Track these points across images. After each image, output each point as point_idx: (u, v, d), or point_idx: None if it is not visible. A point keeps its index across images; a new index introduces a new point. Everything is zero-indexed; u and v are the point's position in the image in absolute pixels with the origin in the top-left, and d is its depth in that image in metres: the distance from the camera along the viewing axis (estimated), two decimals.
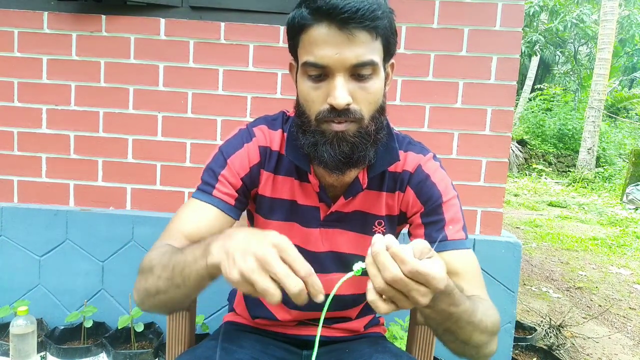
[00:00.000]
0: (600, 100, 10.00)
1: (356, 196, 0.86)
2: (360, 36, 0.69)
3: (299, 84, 0.77)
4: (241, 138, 0.87)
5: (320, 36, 0.70)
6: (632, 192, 7.28)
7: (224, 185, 0.83)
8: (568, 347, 2.22)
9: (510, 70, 1.74)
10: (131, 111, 1.82)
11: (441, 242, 0.81)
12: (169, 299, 0.70)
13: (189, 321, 0.99)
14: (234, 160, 0.84)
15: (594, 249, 4.49)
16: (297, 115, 0.79)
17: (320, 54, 0.70)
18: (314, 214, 0.87)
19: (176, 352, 0.98)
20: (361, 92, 0.72)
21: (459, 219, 0.84)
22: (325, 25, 0.69)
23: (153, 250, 0.75)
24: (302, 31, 0.72)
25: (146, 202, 1.84)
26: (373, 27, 0.69)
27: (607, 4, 9.74)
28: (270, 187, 0.87)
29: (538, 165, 11.42)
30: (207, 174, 0.84)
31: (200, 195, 0.83)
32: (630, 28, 16.12)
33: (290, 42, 0.78)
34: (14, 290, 1.83)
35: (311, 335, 0.96)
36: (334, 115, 0.72)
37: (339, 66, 0.70)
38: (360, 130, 0.74)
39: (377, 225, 0.88)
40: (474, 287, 0.79)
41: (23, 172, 1.85)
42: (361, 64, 0.70)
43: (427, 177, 0.85)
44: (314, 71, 0.72)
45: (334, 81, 0.71)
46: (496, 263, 1.75)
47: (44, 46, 1.80)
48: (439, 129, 1.77)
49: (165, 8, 1.77)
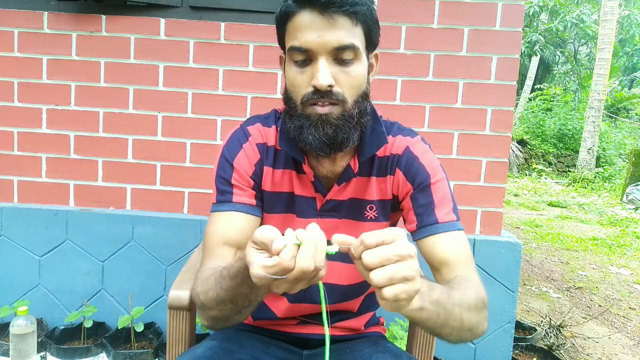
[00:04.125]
0: (600, 100, 10.00)
1: (349, 183, 0.88)
2: (341, 20, 0.73)
3: (286, 71, 0.80)
4: (238, 140, 0.89)
5: (304, 22, 0.74)
6: (632, 192, 7.27)
7: (239, 188, 0.86)
8: (568, 347, 2.22)
9: (510, 70, 1.74)
10: (131, 111, 1.82)
11: (432, 225, 0.83)
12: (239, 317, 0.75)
13: (189, 321, 0.99)
14: (239, 161, 0.87)
15: (594, 249, 4.48)
16: (285, 102, 0.83)
17: (304, 38, 0.74)
18: (311, 205, 0.89)
19: (176, 352, 0.98)
20: (343, 75, 0.76)
21: (448, 200, 0.86)
22: (308, 12, 0.74)
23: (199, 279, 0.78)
24: (287, 19, 0.77)
25: (146, 202, 1.84)
26: (352, 12, 0.74)
27: (607, 4, 9.74)
28: (270, 182, 0.89)
29: (538, 165, 11.42)
30: (220, 183, 0.87)
31: (221, 206, 0.85)
32: (630, 28, 16.13)
33: (279, 33, 0.82)
34: (14, 290, 1.83)
35: (312, 334, 0.96)
36: (317, 97, 0.75)
37: (321, 49, 0.74)
38: (343, 114, 0.77)
39: (368, 210, 0.90)
40: (464, 268, 0.81)
41: (23, 172, 1.85)
42: (342, 47, 0.74)
43: (415, 158, 0.87)
44: (299, 56, 0.76)
45: (316, 64, 0.75)
46: (496, 263, 1.75)
47: (44, 46, 1.80)
48: (439, 129, 1.77)
49: (165, 8, 1.77)
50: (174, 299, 0.97)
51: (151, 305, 1.83)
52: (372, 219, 0.90)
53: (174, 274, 1.77)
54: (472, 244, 1.76)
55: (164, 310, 1.12)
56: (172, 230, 1.78)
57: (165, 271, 1.82)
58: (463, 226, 0.86)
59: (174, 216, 1.81)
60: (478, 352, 1.79)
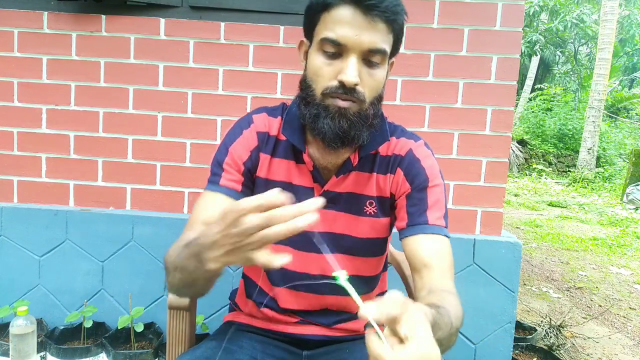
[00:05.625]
0: (601, 100, 10.00)
1: (348, 176, 0.89)
2: (380, 25, 0.75)
3: (312, 59, 0.80)
4: (240, 126, 0.92)
5: (344, 16, 0.74)
6: (633, 192, 7.27)
7: (229, 173, 0.87)
8: (568, 347, 2.22)
9: (510, 70, 1.74)
10: (131, 111, 1.82)
11: (421, 225, 0.84)
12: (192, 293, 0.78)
13: (189, 321, 0.99)
14: (235, 147, 0.89)
15: (594, 249, 4.48)
16: (302, 89, 0.83)
17: (341, 32, 0.74)
18: (308, 195, 0.89)
19: (176, 352, 0.98)
20: (368, 77, 0.78)
21: (441, 207, 0.87)
22: (351, 8, 0.74)
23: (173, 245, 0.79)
24: (325, 9, 0.77)
25: (146, 202, 1.84)
26: (392, 20, 0.76)
27: (607, 4, 9.74)
28: (266, 169, 0.90)
29: (538, 165, 11.41)
30: (213, 165, 0.90)
31: (210, 186, 0.88)
32: (631, 28, 16.13)
33: (308, 20, 0.82)
34: (14, 290, 1.83)
35: (312, 335, 0.96)
36: (341, 92, 0.77)
37: (356, 47, 0.75)
38: (360, 112, 0.79)
39: (368, 205, 0.91)
40: (445, 275, 0.80)
41: (23, 172, 1.85)
42: (375, 50, 0.76)
43: (417, 160, 0.89)
44: (331, 48, 0.76)
45: (347, 60, 0.76)
46: (496, 263, 1.75)
47: (43, 46, 1.80)
48: (439, 129, 1.77)
49: (165, 8, 1.77)
50: (174, 299, 0.97)
51: (151, 305, 1.83)
52: (372, 215, 0.91)
53: None
54: (472, 244, 1.76)
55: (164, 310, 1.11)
56: (172, 230, 1.78)
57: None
58: (450, 236, 0.87)
59: (174, 216, 1.81)
60: (478, 352, 1.78)
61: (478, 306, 1.77)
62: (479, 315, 1.77)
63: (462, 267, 1.76)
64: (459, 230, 1.79)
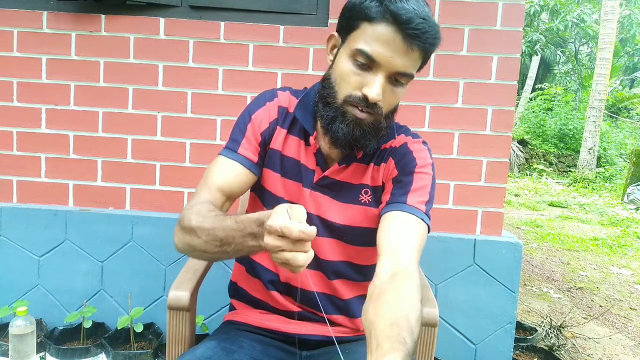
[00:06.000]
0: (601, 100, 9.99)
1: (349, 166, 0.92)
2: (415, 52, 0.78)
3: (341, 62, 0.82)
4: (264, 97, 0.95)
5: (385, 35, 0.76)
6: (633, 192, 7.26)
7: (248, 141, 0.91)
8: (569, 348, 2.21)
9: (510, 69, 1.74)
10: (131, 111, 1.81)
11: (399, 203, 0.85)
12: (213, 257, 0.80)
13: (189, 321, 0.98)
14: (258, 115, 0.92)
15: (595, 249, 4.48)
16: (325, 87, 0.85)
17: (378, 50, 0.76)
18: (309, 176, 0.93)
19: (176, 353, 0.98)
20: (390, 94, 0.81)
21: (425, 193, 0.87)
22: (394, 30, 0.75)
23: (193, 207, 0.81)
24: (367, 19, 0.77)
25: (145, 202, 1.84)
26: (427, 50, 0.79)
27: (608, 4, 9.72)
28: (281, 143, 0.93)
29: (539, 165, 11.41)
30: (234, 132, 0.92)
31: (227, 152, 0.91)
32: (631, 28, 16.12)
33: (347, 21, 0.82)
34: (13, 290, 1.83)
35: (311, 335, 0.96)
36: (363, 104, 0.80)
37: (387, 67, 0.77)
38: (374, 124, 0.82)
39: (363, 194, 0.93)
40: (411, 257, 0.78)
41: (22, 172, 1.84)
42: (403, 74, 0.79)
43: (410, 151, 0.92)
44: (363, 59, 0.78)
45: (376, 77, 0.78)
46: (497, 263, 1.75)
47: (43, 46, 1.79)
48: (440, 128, 1.77)
49: (165, 8, 1.77)
50: (174, 300, 0.97)
51: (151, 305, 1.83)
52: (366, 204, 0.93)
53: (174, 274, 1.77)
54: (472, 244, 1.75)
55: (164, 311, 1.12)
56: (171, 230, 1.75)
57: (164, 271, 1.81)
58: (430, 225, 0.86)
59: (174, 216, 1.80)
60: (478, 352, 1.78)
61: (478, 306, 1.76)
62: (479, 316, 1.77)
63: (462, 267, 1.76)
64: (459, 231, 1.78)
